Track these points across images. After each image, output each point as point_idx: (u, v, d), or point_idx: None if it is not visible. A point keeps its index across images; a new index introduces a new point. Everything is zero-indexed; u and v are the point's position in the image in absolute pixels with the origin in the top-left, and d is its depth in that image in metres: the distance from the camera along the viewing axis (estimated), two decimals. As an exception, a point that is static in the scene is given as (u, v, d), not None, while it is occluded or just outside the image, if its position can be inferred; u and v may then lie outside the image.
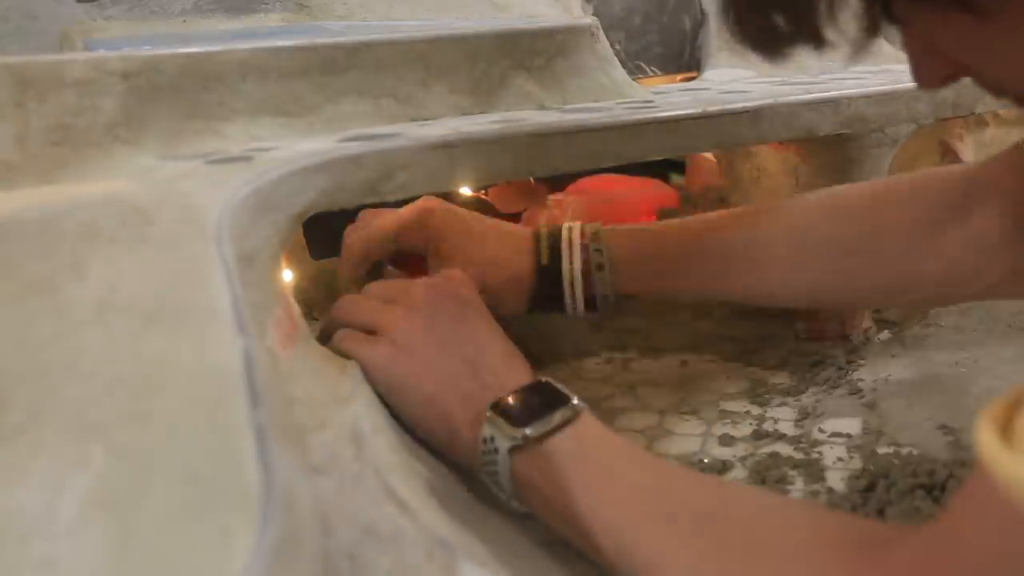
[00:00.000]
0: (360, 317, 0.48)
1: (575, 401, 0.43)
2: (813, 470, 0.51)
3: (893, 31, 0.34)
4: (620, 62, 0.68)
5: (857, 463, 0.52)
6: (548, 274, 0.55)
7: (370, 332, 0.47)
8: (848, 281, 0.55)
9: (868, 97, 0.66)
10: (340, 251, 0.55)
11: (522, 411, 0.42)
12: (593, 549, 0.39)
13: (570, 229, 0.56)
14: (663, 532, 0.38)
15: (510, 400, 0.43)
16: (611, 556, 0.38)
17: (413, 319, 0.46)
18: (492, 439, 0.42)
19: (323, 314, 0.58)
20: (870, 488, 0.49)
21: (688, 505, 0.39)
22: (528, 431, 0.41)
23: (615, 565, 0.38)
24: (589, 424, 0.42)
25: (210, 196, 0.41)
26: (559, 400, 0.43)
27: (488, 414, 0.42)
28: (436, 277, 0.50)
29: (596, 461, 0.41)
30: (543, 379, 0.44)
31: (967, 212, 0.51)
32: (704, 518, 0.38)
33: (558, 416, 0.42)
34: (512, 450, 0.41)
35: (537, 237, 0.56)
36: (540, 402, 0.43)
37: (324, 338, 0.49)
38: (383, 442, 0.40)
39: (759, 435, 0.56)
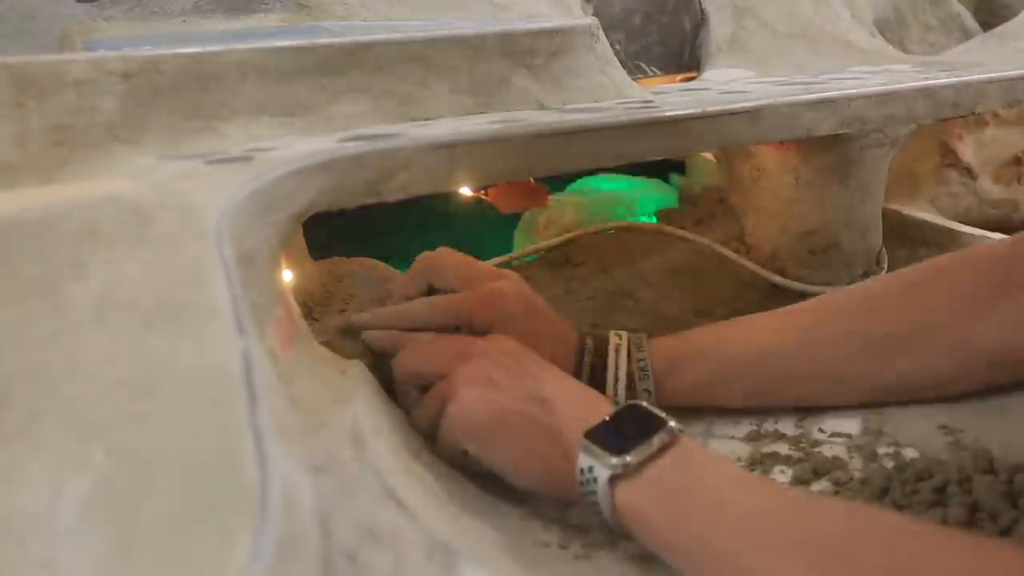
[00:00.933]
0: (427, 368, 0.49)
1: (672, 424, 0.41)
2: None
3: None
4: (620, 62, 0.68)
5: (857, 463, 0.52)
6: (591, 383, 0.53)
7: (425, 384, 0.49)
8: (899, 378, 0.54)
9: (868, 97, 0.66)
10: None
11: (617, 437, 0.41)
12: None
13: (617, 346, 0.55)
14: (789, 559, 0.35)
15: (604, 428, 0.42)
16: None
17: (481, 368, 0.47)
18: (591, 469, 0.41)
19: (323, 314, 0.58)
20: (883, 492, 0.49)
21: (814, 529, 0.36)
22: (629, 458, 0.40)
23: None
24: (690, 447, 0.41)
25: (210, 196, 0.41)
26: (655, 424, 0.41)
27: (583, 443, 0.41)
28: (485, 339, 0.50)
29: (705, 486, 0.39)
30: (635, 402, 0.43)
31: (1013, 287, 0.50)
32: (836, 541, 0.35)
33: (656, 440, 0.40)
34: (613, 479, 0.40)
35: (582, 350, 0.55)
36: (635, 428, 0.41)
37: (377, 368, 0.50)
38: (383, 443, 0.40)
39: (759, 435, 0.56)
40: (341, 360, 0.47)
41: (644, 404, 0.43)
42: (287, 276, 0.55)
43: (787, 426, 0.58)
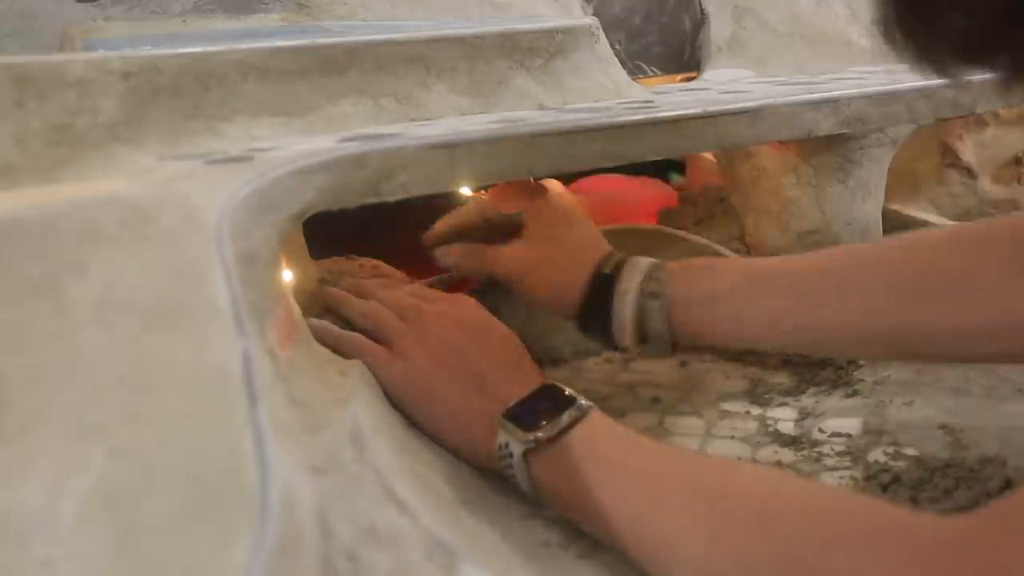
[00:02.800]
0: (374, 324, 0.52)
1: (582, 401, 0.44)
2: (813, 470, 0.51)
3: None
4: (620, 62, 0.68)
5: (857, 463, 0.52)
6: (603, 284, 0.55)
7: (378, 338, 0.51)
8: (933, 321, 0.48)
9: (868, 97, 0.66)
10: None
11: (531, 416, 0.44)
12: (615, 541, 0.41)
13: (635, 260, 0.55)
14: (676, 514, 0.38)
15: (519, 407, 0.45)
16: (631, 546, 0.40)
17: (425, 347, 0.49)
18: (507, 445, 0.44)
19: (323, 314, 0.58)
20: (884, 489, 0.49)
21: (698, 485, 0.39)
22: (539, 434, 0.43)
23: (637, 555, 0.40)
24: (598, 421, 0.44)
25: (210, 196, 0.41)
26: (566, 402, 0.44)
27: (501, 421, 0.45)
28: (446, 303, 0.53)
29: (607, 456, 0.42)
30: (548, 383, 0.46)
31: None
32: (714, 494, 0.38)
33: (566, 417, 0.43)
34: (526, 453, 0.43)
35: (608, 254, 0.57)
36: (548, 406, 0.44)
37: (322, 312, 0.53)
38: (383, 443, 0.40)
39: (759, 435, 0.56)
40: (341, 360, 0.47)
41: (558, 385, 0.46)
42: (287, 276, 0.55)
43: (787, 426, 0.58)
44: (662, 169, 1.01)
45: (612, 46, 0.68)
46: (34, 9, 0.68)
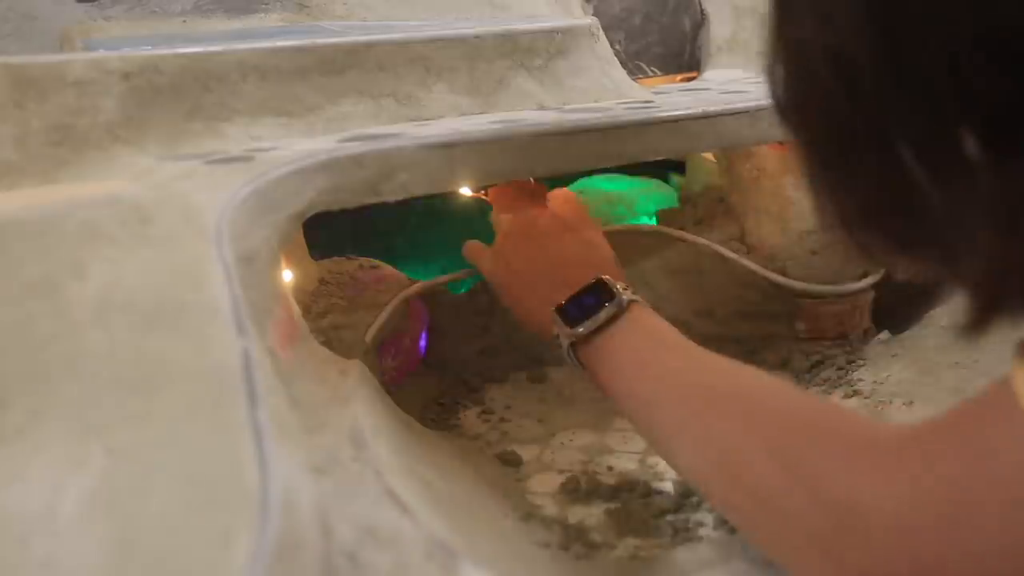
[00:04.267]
0: (503, 219, 0.61)
1: (623, 296, 0.49)
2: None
3: None
4: (620, 62, 0.68)
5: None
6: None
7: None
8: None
9: (868, 97, 0.66)
10: None
11: (576, 311, 0.50)
12: (638, 426, 0.47)
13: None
14: (677, 408, 0.43)
15: (570, 302, 0.50)
16: (644, 432, 0.46)
17: (526, 242, 0.57)
18: (558, 336, 0.51)
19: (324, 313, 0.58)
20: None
21: (700, 381, 0.44)
22: (580, 328, 0.49)
23: (648, 440, 0.46)
24: (635, 316, 0.49)
25: (210, 196, 0.41)
26: (607, 296, 0.49)
27: (553, 315, 0.51)
28: (558, 199, 0.62)
29: (635, 349, 0.47)
30: (600, 278, 0.51)
31: None
32: (712, 392, 0.43)
33: (603, 313, 0.48)
34: (571, 345, 0.49)
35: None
36: (592, 301, 0.50)
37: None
38: (383, 443, 0.40)
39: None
40: (341, 360, 0.47)
41: (607, 280, 0.50)
42: (287, 276, 0.55)
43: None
44: (662, 169, 1.01)
45: (612, 46, 0.68)
46: (34, 9, 0.68)
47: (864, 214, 0.31)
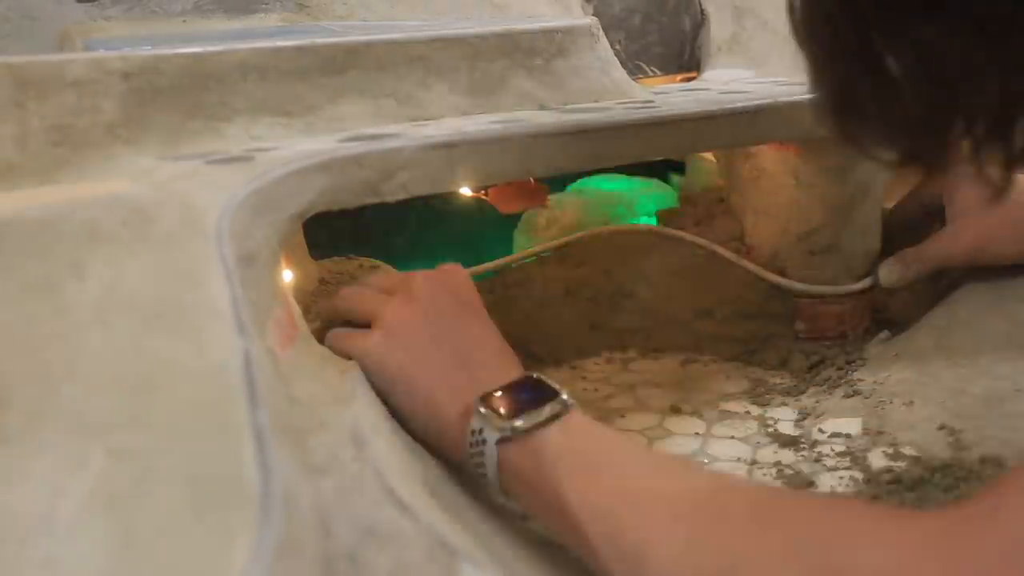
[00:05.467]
0: (359, 306, 0.49)
1: (564, 396, 0.43)
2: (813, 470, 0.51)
3: None
4: (620, 62, 0.68)
5: (857, 463, 0.52)
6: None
7: (368, 325, 0.47)
8: None
9: (868, 97, 0.66)
10: None
11: (511, 404, 0.42)
12: (581, 539, 0.39)
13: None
14: (654, 513, 0.37)
15: (499, 393, 0.43)
16: (600, 544, 0.38)
17: (410, 309, 0.47)
18: (480, 431, 0.42)
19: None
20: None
21: (682, 486, 0.39)
22: (518, 423, 0.41)
23: (604, 553, 0.38)
24: (578, 418, 0.42)
25: (210, 196, 0.41)
26: (548, 394, 0.43)
27: (478, 405, 0.43)
28: (436, 271, 0.50)
29: (585, 451, 0.41)
30: (534, 375, 0.45)
31: None
32: (701, 495, 0.38)
33: (547, 409, 0.42)
34: (500, 441, 0.42)
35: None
36: (530, 396, 0.43)
37: (325, 328, 0.49)
38: (383, 443, 0.40)
39: (759, 435, 0.57)
40: (341, 360, 0.47)
41: (541, 376, 0.44)
42: (287, 276, 0.55)
43: (787, 426, 0.58)
44: (662, 169, 1.01)
45: (612, 46, 0.68)
46: (34, 9, 0.68)
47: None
